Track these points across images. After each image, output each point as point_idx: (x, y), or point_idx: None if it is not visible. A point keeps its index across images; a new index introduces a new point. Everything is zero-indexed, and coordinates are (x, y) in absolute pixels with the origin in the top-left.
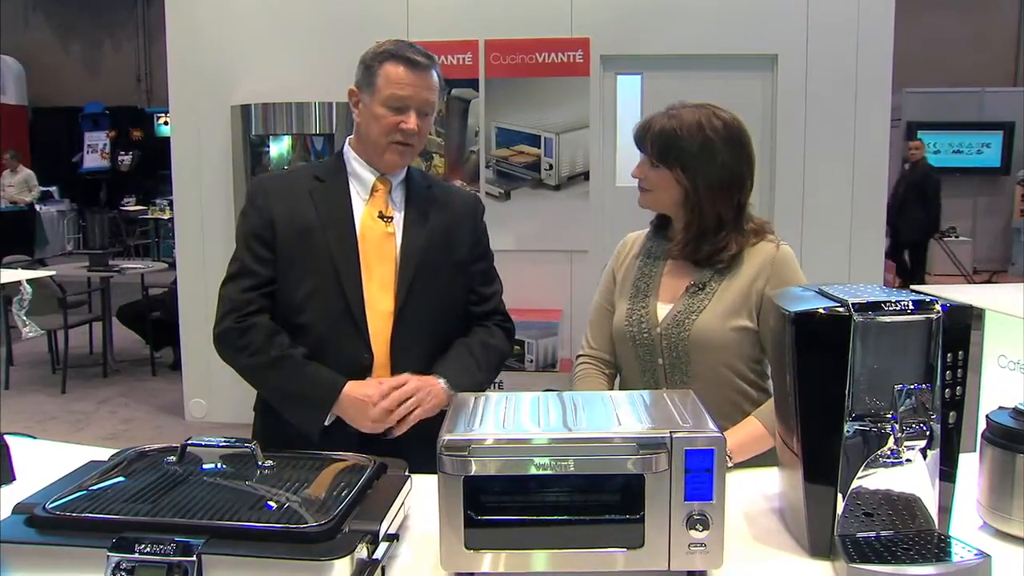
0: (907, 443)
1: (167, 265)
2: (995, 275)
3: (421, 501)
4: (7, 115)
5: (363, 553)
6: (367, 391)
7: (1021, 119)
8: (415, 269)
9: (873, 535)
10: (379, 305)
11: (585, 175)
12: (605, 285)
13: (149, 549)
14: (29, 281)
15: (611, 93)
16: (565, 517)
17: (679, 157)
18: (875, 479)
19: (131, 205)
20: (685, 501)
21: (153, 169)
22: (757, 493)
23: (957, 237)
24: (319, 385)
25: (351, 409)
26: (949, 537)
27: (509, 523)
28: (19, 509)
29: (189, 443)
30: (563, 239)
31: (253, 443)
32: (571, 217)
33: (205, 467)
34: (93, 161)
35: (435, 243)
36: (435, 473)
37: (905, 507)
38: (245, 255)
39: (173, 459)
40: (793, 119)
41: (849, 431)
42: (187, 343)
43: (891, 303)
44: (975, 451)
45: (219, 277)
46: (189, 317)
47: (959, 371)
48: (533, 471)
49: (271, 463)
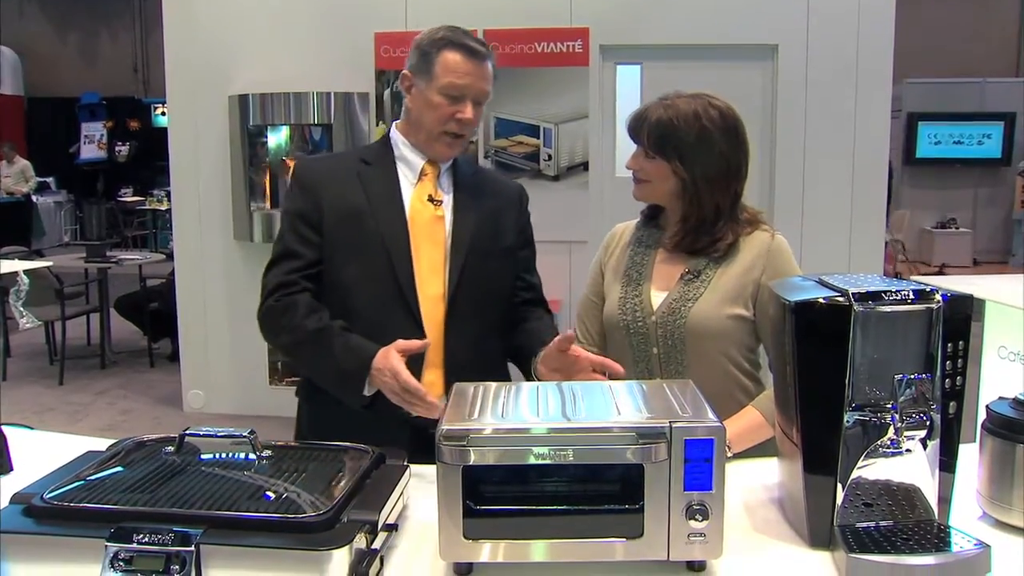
0: (907, 433)
1: (165, 256)
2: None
3: (421, 491)
4: (3, 106)
5: (362, 543)
6: (392, 364)
7: (1022, 110)
8: (466, 253)
9: (872, 525)
10: (429, 289)
11: (584, 165)
12: (592, 278)
13: (147, 539)
14: (26, 272)
15: (610, 83)
16: (564, 507)
17: (676, 148)
18: (875, 469)
19: (128, 196)
20: (684, 491)
21: (150, 160)
22: (756, 483)
23: (957, 228)
24: (353, 354)
25: (378, 379)
26: (949, 527)
27: (508, 513)
28: (17, 499)
29: (187, 433)
30: (562, 230)
31: (251, 433)
32: (570, 208)
33: (203, 457)
34: (90, 152)
35: (484, 228)
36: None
37: (905, 497)
38: (290, 236)
39: (171, 449)
40: (793, 110)
41: (849, 421)
42: (185, 334)
43: (891, 293)
44: (975, 442)
45: (217, 267)
46: (187, 308)
47: (959, 361)
48: (532, 461)
49: (269, 453)
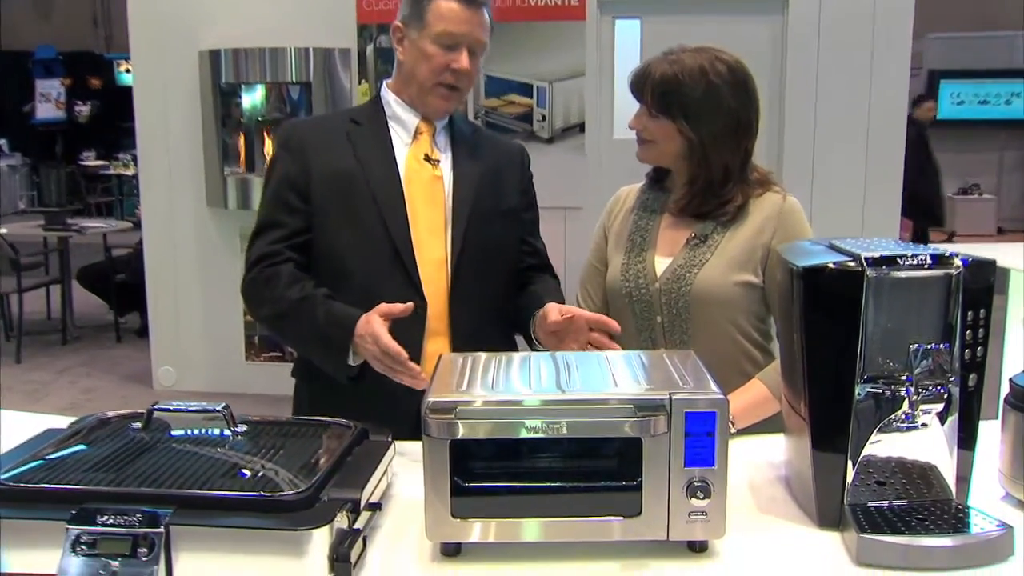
0: (923, 407)
1: (132, 224)
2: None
3: (407, 469)
4: None
5: (343, 523)
6: (373, 328)
7: None
8: (469, 214)
9: (885, 504)
10: (430, 253)
11: (580, 127)
12: (596, 243)
13: (112, 521)
14: None
15: (608, 39)
16: (558, 484)
17: (682, 106)
18: (888, 445)
19: (90, 160)
20: (685, 467)
21: (114, 121)
22: (762, 461)
23: (981, 195)
24: (336, 322)
25: (361, 346)
26: (968, 507)
27: (498, 491)
28: None
29: (156, 408)
30: (557, 195)
31: (225, 407)
32: (565, 172)
33: (174, 433)
34: (47, 111)
35: (485, 188)
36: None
37: (920, 476)
38: (273, 205)
39: (139, 425)
40: (804, 67)
41: (860, 394)
42: (155, 307)
43: (907, 257)
44: (997, 418)
45: (188, 235)
46: (157, 279)
47: (980, 331)
48: (524, 435)
49: (244, 428)
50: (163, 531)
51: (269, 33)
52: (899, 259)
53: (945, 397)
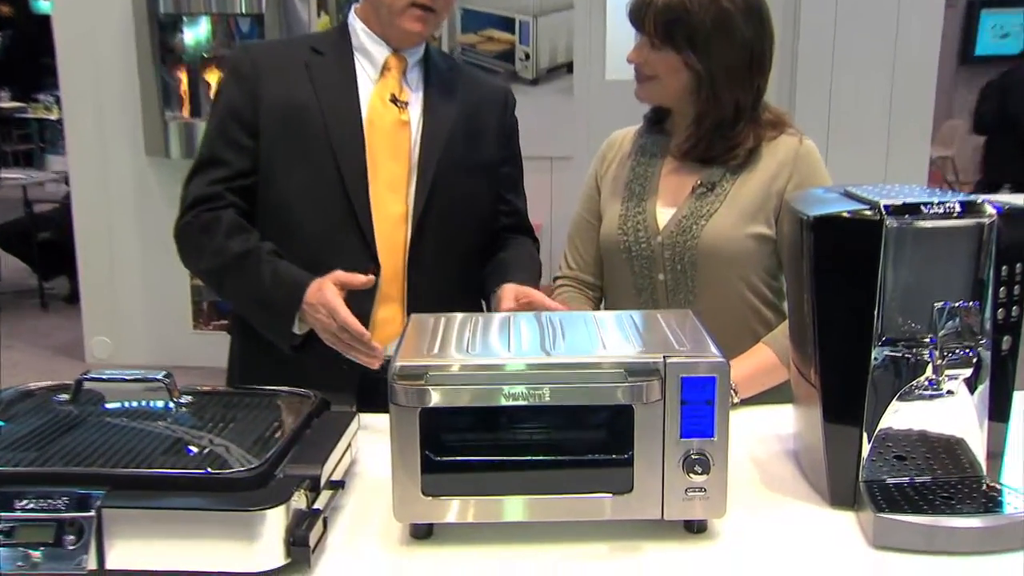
0: (948, 372)
1: (56, 176)
2: None
3: (372, 444)
4: None
5: (301, 503)
6: (328, 299)
7: None
8: (436, 166)
9: (906, 481)
10: (388, 207)
11: (568, 67)
12: (587, 194)
13: (33, 505)
14: None
15: None
16: (541, 458)
17: (689, 36)
18: (909, 416)
19: (5, 101)
20: (681, 438)
21: (32, 56)
22: (768, 433)
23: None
24: (283, 284)
25: (311, 316)
26: (1001, 485)
27: (474, 466)
28: None
29: (85, 377)
30: (542, 143)
31: (167, 376)
32: (552, 117)
33: (108, 407)
34: None
35: (458, 136)
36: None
37: (946, 450)
38: (216, 139)
39: (66, 398)
40: None
41: (878, 358)
42: (86, 270)
43: (932, 204)
44: None
45: (125, 189)
46: (88, 238)
47: (1016, 288)
48: (503, 402)
49: (190, 399)
50: (94, 515)
51: None
52: (923, 207)
53: (974, 361)
